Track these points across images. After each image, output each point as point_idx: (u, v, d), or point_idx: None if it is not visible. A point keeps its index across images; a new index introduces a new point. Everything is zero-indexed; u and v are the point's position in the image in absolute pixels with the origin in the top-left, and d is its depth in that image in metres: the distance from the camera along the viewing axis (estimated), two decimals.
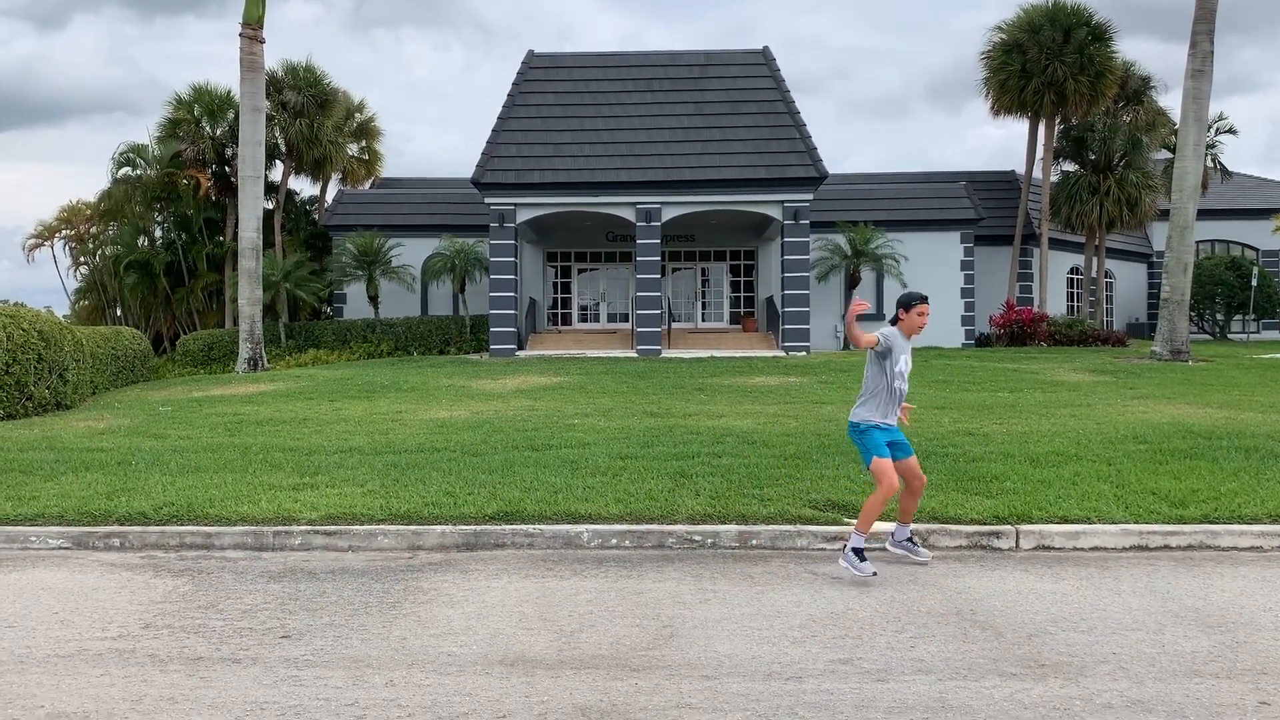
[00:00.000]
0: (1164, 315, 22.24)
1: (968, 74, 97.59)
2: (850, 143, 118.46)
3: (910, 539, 7.02)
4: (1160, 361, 21.49)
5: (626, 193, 26.45)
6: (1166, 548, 7.27)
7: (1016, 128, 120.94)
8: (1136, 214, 30.99)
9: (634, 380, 17.99)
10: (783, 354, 25.37)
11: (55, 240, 38.89)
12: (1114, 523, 7.46)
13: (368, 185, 37.00)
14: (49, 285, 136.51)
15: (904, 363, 6.78)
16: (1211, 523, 7.46)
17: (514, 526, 7.48)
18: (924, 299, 6.89)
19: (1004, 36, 30.84)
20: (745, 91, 28.03)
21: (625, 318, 31.24)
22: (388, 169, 38.32)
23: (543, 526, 7.50)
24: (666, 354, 25.41)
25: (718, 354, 25.18)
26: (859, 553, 6.48)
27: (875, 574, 6.43)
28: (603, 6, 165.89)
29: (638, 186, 26.41)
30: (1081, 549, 7.25)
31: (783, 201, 26.26)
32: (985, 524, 7.45)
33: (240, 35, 23.60)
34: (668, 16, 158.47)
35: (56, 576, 6.73)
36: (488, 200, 26.52)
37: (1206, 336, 35.20)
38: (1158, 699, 4.50)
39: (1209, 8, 21.91)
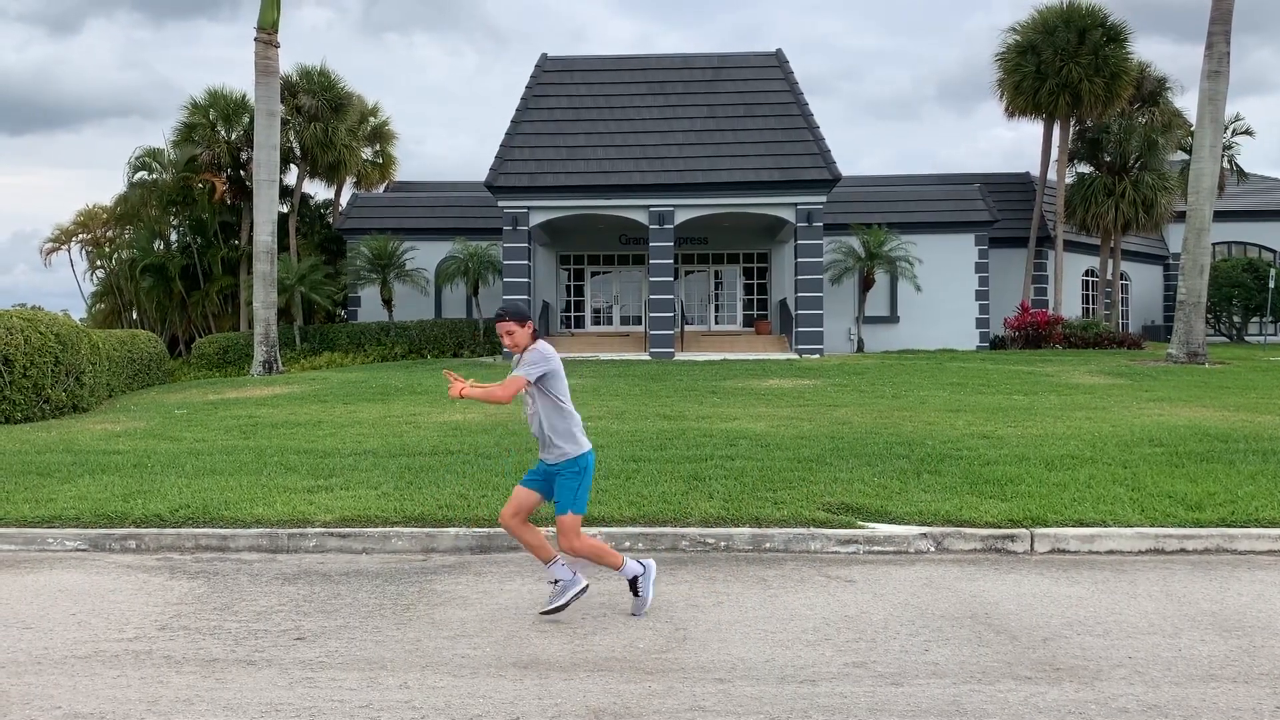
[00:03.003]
0: (1180, 317, 22.11)
1: (979, 75, 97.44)
2: (860, 144, 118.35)
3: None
4: (1176, 364, 21.36)
5: (640, 195, 26.47)
6: (1183, 551, 7.22)
7: (1029, 129, 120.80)
8: (1152, 216, 30.85)
9: (647, 383, 17.99)
10: (796, 357, 25.33)
11: (72, 244, 39.21)
12: (1129, 526, 7.42)
13: (381, 189, 37.14)
14: (66, 289, 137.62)
15: None
16: (1228, 526, 7.41)
17: None
18: (497, 316, 5.73)
19: (1018, 38, 30.76)
20: (758, 94, 28.02)
21: (638, 320, 31.25)
22: (401, 172, 38.49)
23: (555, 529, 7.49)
24: (679, 357, 25.39)
25: (731, 357, 25.15)
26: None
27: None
28: (614, 10, 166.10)
29: (651, 189, 26.42)
30: (1097, 552, 7.21)
31: (796, 204, 26.22)
32: (1000, 527, 7.42)
33: (255, 40, 23.73)
34: (679, 19, 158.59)
35: (73, 578, 6.78)
36: (501, 203, 26.58)
37: (1223, 339, 34.98)
38: (1174, 703, 4.47)
39: (1225, 8, 21.78)
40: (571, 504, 5.67)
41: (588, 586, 5.83)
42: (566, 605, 5.75)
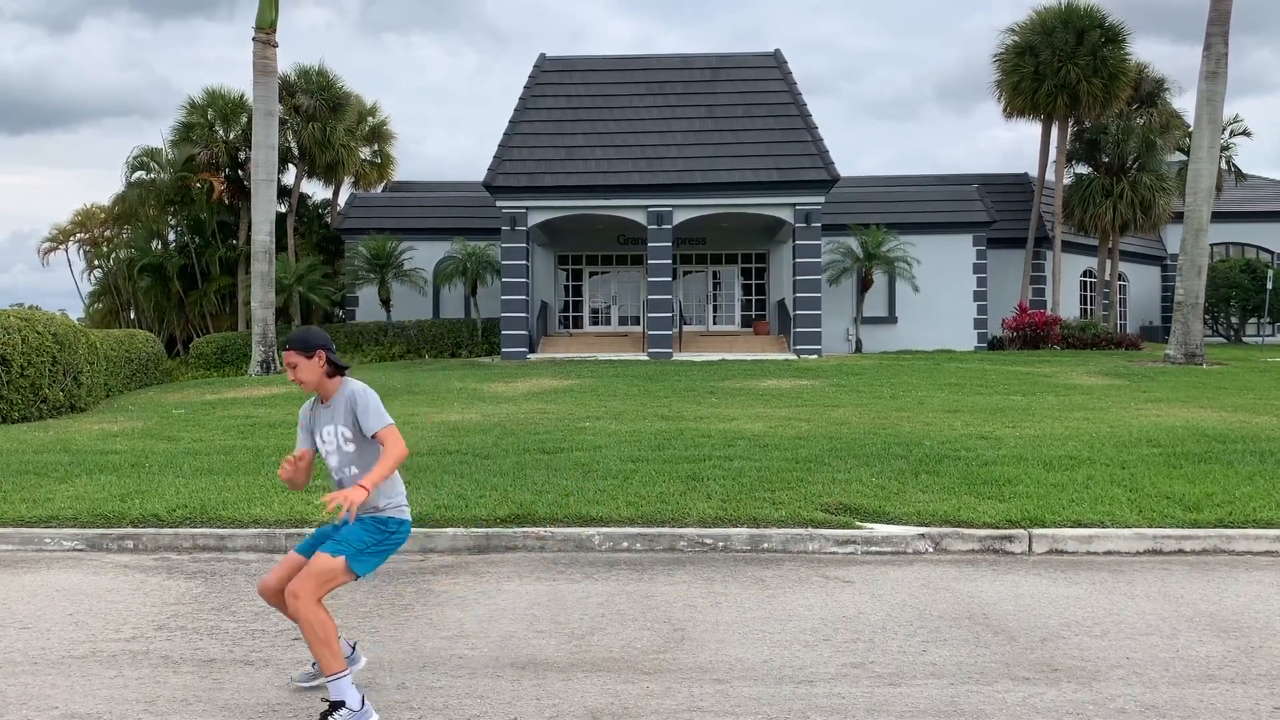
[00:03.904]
0: (1178, 318, 22.13)
1: (978, 75, 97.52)
2: (860, 144, 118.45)
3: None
4: (1174, 365, 21.37)
5: (638, 195, 26.46)
6: (1180, 552, 7.22)
7: (1027, 129, 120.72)
8: (1150, 217, 30.88)
9: (645, 383, 17.99)
10: (794, 357, 25.33)
11: (70, 244, 39.18)
12: (1127, 526, 7.42)
13: (380, 189, 37.13)
14: (64, 288, 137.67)
15: (319, 441, 4.60)
16: (1226, 527, 7.42)
17: (525, 529, 7.49)
18: (282, 345, 4.49)
19: (1016, 39, 30.78)
20: (757, 94, 28.03)
21: (637, 321, 31.25)
22: (400, 172, 38.48)
23: (554, 529, 7.50)
24: (678, 357, 25.39)
25: (729, 357, 25.16)
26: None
27: None
28: (614, 10, 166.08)
29: (649, 189, 26.42)
30: (1095, 553, 7.21)
31: (794, 204, 26.23)
32: (998, 528, 7.42)
33: (253, 39, 23.72)
34: (679, 20, 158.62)
35: (71, 578, 6.77)
36: (499, 203, 26.57)
37: (1221, 340, 35.00)
38: (1172, 704, 4.47)
39: (1223, 10, 21.79)
40: (351, 553, 4.28)
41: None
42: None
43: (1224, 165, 34.48)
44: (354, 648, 4.70)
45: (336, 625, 4.35)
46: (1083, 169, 32.35)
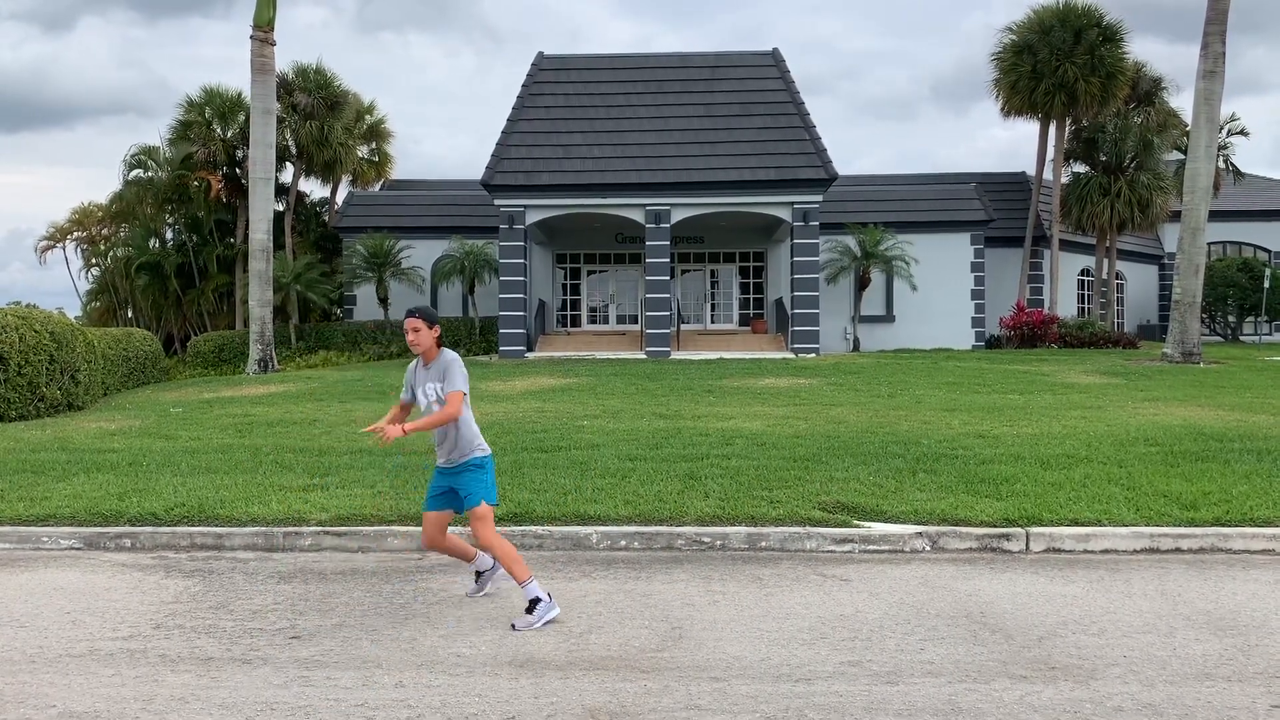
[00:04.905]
0: (1175, 317, 22.15)
1: (976, 75, 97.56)
2: (859, 144, 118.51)
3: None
4: (1171, 363, 21.40)
5: (636, 194, 26.45)
6: (1177, 550, 7.23)
7: (1025, 129, 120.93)
8: (1148, 215, 30.89)
9: (643, 382, 17.99)
10: (792, 356, 25.33)
11: (67, 242, 39.05)
12: (1125, 525, 7.43)
13: (378, 187, 37.07)
14: (61, 287, 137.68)
15: (421, 395, 5.89)
16: (1223, 525, 7.43)
17: (523, 528, 7.49)
18: (408, 313, 5.86)
19: (1014, 38, 30.77)
20: (755, 93, 28.01)
21: (634, 319, 31.24)
22: (398, 171, 38.39)
23: (552, 528, 7.50)
24: (676, 356, 25.39)
25: (727, 356, 25.15)
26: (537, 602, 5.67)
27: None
28: (613, 10, 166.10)
29: (647, 188, 26.41)
30: (1092, 551, 7.22)
31: (792, 203, 26.23)
32: (995, 526, 7.43)
33: (251, 38, 23.71)
34: (678, 20, 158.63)
35: (68, 577, 6.77)
36: (497, 202, 26.56)
37: (1218, 338, 35.02)
38: (1169, 702, 4.48)
39: (1221, 9, 21.80)
40: (484, 495, 5.76)
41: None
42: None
43: (1221, 164, 34.47)
44: (483, 588, 6.28)
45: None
46: (1080, 168, 32.35)
